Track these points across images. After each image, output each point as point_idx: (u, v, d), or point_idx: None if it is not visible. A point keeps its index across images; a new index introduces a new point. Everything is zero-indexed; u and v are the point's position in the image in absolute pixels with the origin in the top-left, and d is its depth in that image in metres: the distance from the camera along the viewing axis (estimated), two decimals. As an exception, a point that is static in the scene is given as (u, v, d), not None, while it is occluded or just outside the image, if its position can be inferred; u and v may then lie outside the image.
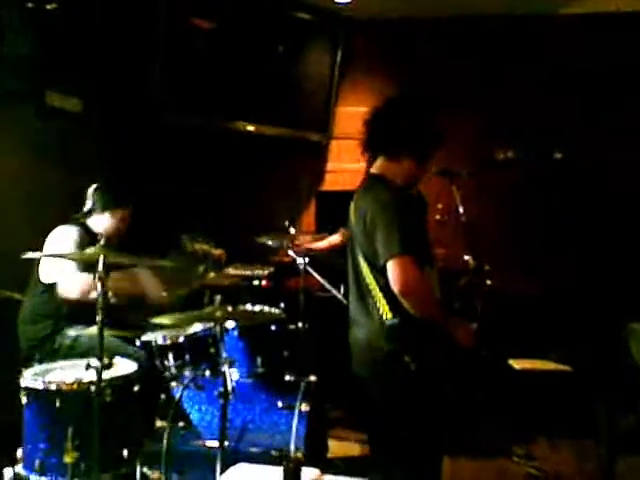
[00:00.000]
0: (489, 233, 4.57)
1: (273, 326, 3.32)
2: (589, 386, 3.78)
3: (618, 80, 4.79)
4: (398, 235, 2.47)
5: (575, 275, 4.60)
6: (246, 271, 4.42)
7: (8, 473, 2.64)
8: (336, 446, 3.76)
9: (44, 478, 2.59)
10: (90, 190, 3.45)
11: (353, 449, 3.90)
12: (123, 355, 2.99)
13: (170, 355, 3.25)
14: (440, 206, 4.24)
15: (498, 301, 4.07)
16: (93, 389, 2.52)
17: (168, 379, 3.18)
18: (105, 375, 2.53)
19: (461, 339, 2.58)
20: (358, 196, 2.71)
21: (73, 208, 3.48)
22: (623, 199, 4.69)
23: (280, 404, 3.00)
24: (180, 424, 2.98)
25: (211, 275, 3.75)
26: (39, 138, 3.95)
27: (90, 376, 2.54)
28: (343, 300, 3.79)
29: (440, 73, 5.02)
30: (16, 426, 2.67)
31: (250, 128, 5.04)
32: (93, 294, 3.08)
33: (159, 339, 3.26)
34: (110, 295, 2.56)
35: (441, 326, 2.56)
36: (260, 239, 4.16)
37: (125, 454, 2.71)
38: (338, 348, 2.81)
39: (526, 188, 4.88)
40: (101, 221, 3.43)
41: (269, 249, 4.74)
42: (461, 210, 3.98)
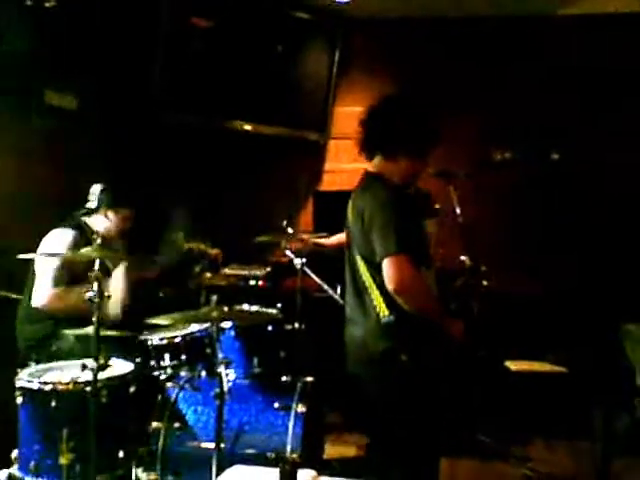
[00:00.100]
0: (486, 234, 4.57)
1: (270, 326, 3.31)
2: (585, 387, 3.79)
3: (616, 81, 4.79)
4: (394, 234, 2.47)
5: (572, 276, 4.60)
6: (243, 271, 4.41)
7: (3, 474, 2.63)
8: (332, 447, 3.76)
9: (39, 479, 2.59)
10: (95, 188, 3.43)
11: (349, 450, 3.90)
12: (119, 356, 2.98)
13: (166, 355, 3.25)
14: (437, 207, 4.25)
15: (495, 302, 4.09)
16: (89, 390, 2.52)
17: (164, 380, 3.17)
18: (101, 376, 2.53)
19: (453, 332, 2.60)
20: (356, 195, 2.71)
21: (71, 207, 3.47)
22: (620, 200, 4.69)
23: (276, 405, 2.99)
24: (176, 425, 2.96)
25: (207, 275, 3.75)
26: (37, 137, 3.93)
27: (86, 377, 2.54)
28: (340, 300, 3.78)
29: (438, 73, 5.01)
30: (12, 427, 2.67)
31: (248, 127, 5.03)
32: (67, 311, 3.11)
33: (155, 339, 3.26)
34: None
35: (437, 324, 2.56)
36: (258, 239, 4.15)
37: (121, 455, 2.71)
38: (335, 349, 2.81)
39: (523, 189, 4.88)
40: (104, 220, 3.42)
41: (266, 249, 4.73)
42: (458, 211, 3.99)
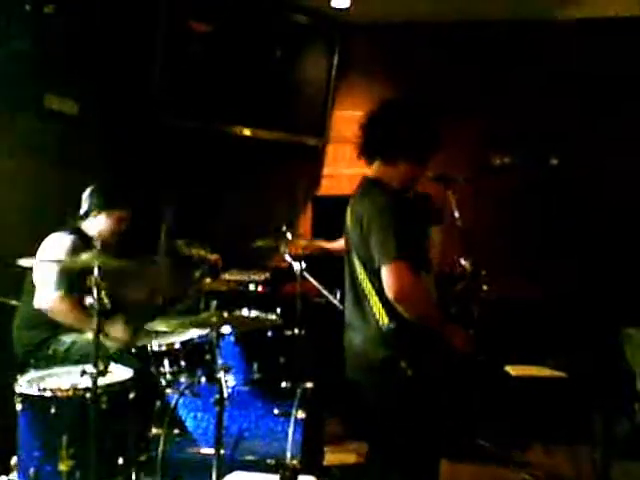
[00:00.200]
0: (485, 238, 4.57)
1: (269, 332, 3.32)
2: (585, 392, 3.78)
3: (616, 86, 4.79)
4: (393, 240, 2.45)
5: (572, 281, 4.60)
6: (242, 276, 4.41)
7: (2, 481, 2.63)
8: (332, 455, 3.75)
9: (38, 486, 2.58)
10: (86, 192, 3.44)
11: (349, 457, 3.89)
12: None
13: (166, 361, 3.23)
14: (439, 209, 4.24)
15: (494, 306, 4.08)
16: (88, 396, 2.51)
17: (164, 386, 3.16)
18: (100, 382, 2.52)
19: (458, 345, 2.56)
20: (354, 200, 2.69)
21: (71, 211, 3.46)
22: (620, 205, 4.69)
23: (276, 411, 2.98)
24: (176, 431, 2.95)
25: (207, 280, 3.74)
26: (38, 140, 3.94)
27: (85, 383, 2.53)
28: (339, 306, 3.77)
29: (439, 78, 5.01)
30: (11, 433, 2.66)
31: (247, 132, 5.03)
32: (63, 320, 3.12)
33: (155, 345, 3.25)
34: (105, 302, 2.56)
35: (438, 331, 2.55)
36: (256, 243, 4.14)
37: (120, 462, 2.70)
38: (335, 354, 2.80)
39: (523, 194, 4.88)
40: (96, 223, 3.41)
41: (266, 254, 4.72)
42: (457, 215, 3.99)
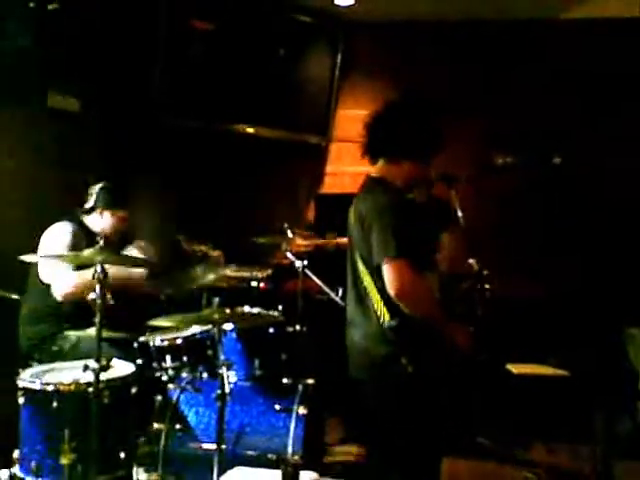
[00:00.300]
0: (488, 237, 4.56)
1: (271, 328, 3.31)
2: (587, 391, 3.78)
3: (618, 86, 4.79)
4: (394, 238, 2.46)
5: (574, 280, 4.60)
6: (244, 273, 4.41)
7: (4, 474, 2.63)
8: (333, 450, 3.75)
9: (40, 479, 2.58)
10: (95, 188, 3.45)
11: (350, 453, 3.90)
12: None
13: (168, 357, 3.24)
14: (460, 214, 4.24)
15: (496, 305, 4.08)
16: (91, 390, 2.51)
17: (165, 381, 3.17)
18: (103, 377, 2.52)
19: (460, 343, 2.58)
20: (358, 199, 2.70)
21: (70, 209, 3.48)
22: (622, 204, 4.69)
23: (278, 407, 2.99)
24: (177, 426, 2.97)
25: (209, 277, 3.75)
26: (38, 139, 3.95)
27: (88, 377, 2.54)
28: (341, 303, 3.78)
29: (442, 77, 5.01)
30: (13, 427, 2.67)
31: (250, 130, 5.04)
32: (89, 293, 3.10)
33: (157, 341, 3.26)
34: (108, 297, 2.56)
35: (440, 329, 2.55)
36: (257, 239, 4.15)
37: (122, 456, 2.70)
38: (336, 351, 2.80)
39: (525, 193, 4.88)
40: (100, 220, 3.43)
41: (268, 251, 4.73)
42: (460, 214, 3.99)
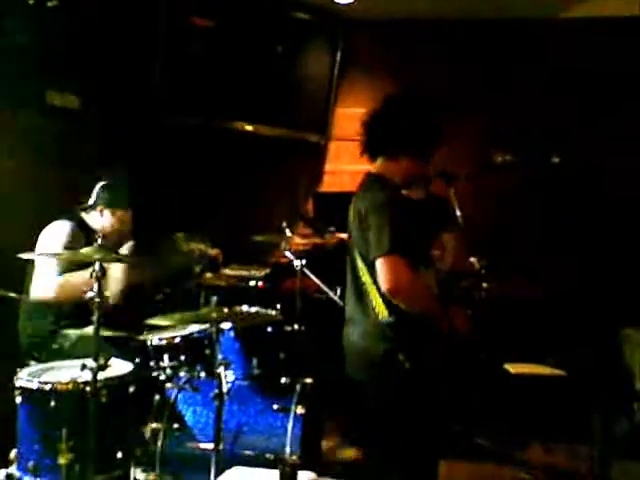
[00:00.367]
0: (486, 236, 4.56)
1: (269, 328, 3.31)
2: (584, 391, 3.79)
3: (618, 85, 4.79)
4: (389, 234, 2.46)
5: (572, 279, 4.60)
6: (242, 272, 4.41)
7: (2, 474, 2.63)
8: (331, 452, 3.75)
9: (38, 479, 2.58)
10: (97, 186, 3.44)
11: (349, 453, 3.90)
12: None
13: (165, 356, 3.24)
14: (459, 214, 4.23)
15: (494, 304, 4.08)
16: (88, 390, 2.51)
17: (163, 380, 3.16)
18: (100, 376, 2.52)
19: (460, 326, 2.60)
20: (357, 197, 2.71)
21: (70, 207, 3.47)
22: (620, 204, 4.69)
23: (276, 406, 2.99)
24: (175, 426, 2.96)
25: (207, 275, 3.74)
26: (38, 138, 3.94)
27: (85, 376, 2.53)
28: (339, 302, 3.78)
29: (441, 75, 5.00)
30: (11, 426, 2.66)
31: (249, 128, 5.03)
32: (68, 301, 3.11)
33: (154, 340, 3.25)
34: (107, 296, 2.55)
35: (438, 322, 2.56)
36: (255, 237, 4.14)
37: (119, 455, 2.70)
38: (334, 350, 2.80)
39: (524, 192, 4.88)
40: (100, 218, 3.42)
41: (266, 250, 4.73)
42: (458, 213, 3.98)
